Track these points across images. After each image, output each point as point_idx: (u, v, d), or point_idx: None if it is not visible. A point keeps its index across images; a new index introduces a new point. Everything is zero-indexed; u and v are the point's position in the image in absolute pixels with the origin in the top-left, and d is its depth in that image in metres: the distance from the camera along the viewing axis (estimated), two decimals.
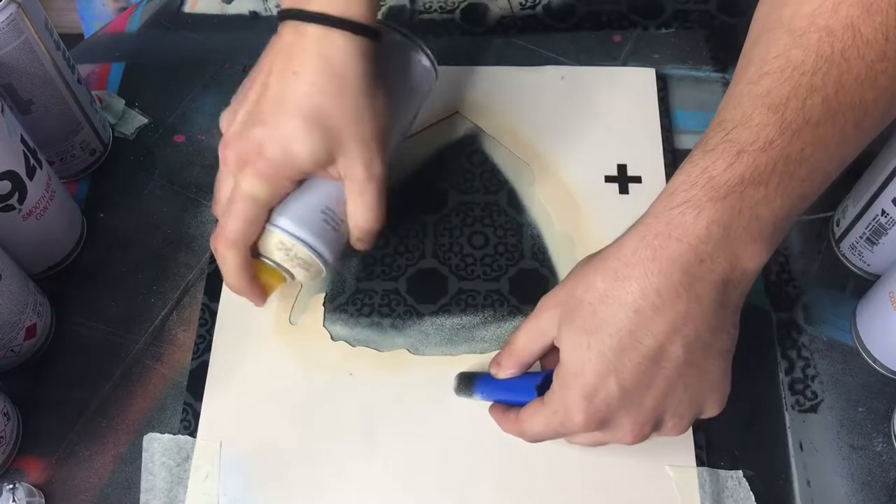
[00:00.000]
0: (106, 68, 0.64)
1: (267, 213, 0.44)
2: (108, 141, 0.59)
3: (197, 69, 0.64)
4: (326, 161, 0.44)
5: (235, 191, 0.44)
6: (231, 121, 0.44)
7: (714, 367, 0.40)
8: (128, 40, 0.66)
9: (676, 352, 0.38)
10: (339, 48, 0.42)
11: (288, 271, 0.45)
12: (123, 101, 0.62)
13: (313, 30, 0.42)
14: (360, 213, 0.45)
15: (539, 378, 0.44)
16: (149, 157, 0.60)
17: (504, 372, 0.45)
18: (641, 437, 0.40)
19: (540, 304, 0.42)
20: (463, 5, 0.67)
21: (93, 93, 0.59)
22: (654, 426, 0.40)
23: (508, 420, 0.45)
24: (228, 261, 0.44)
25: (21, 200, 0.48)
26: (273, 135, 0.42)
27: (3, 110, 0.46)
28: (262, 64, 0.44)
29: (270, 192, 0.44)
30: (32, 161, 0.49)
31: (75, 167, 0.58)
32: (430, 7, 0.67)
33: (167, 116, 0.62)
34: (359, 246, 0.47)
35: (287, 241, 0.44)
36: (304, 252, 0.44)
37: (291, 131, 0.42)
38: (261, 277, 0.46)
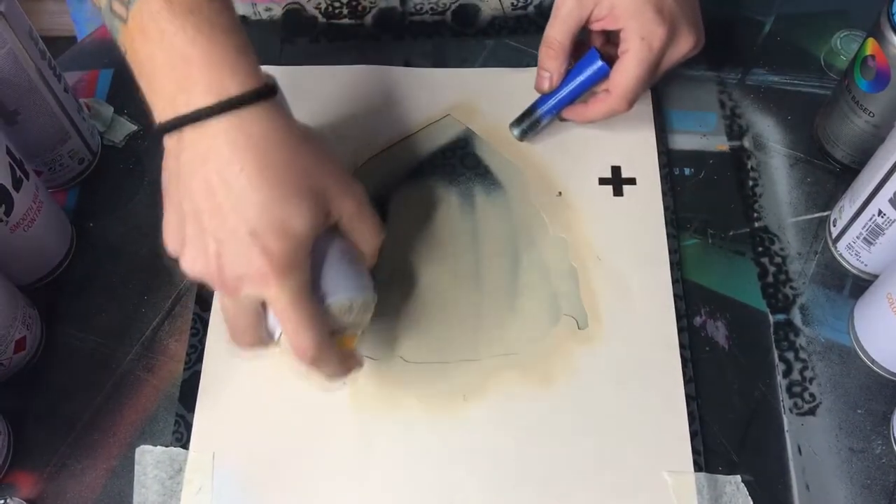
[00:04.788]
0: (94, 75, 0.63)
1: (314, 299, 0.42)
2: (96, 149, 0.59)
3: None
4: (323, 215, 0.41)
5: (278, 306, 0.40)
6: (198, 256, 0.40)
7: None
8: (116, 46, 0.65)
9: None
10: (256, 124, 0.39)
11: (358, 325, 0.45)
12: (112, 109, 0.61)
13: (220, 124, 0.38)
14: (369, 236, 0.45)
15: (593, 55, 0.52)
16: (138, 164, 0.59)
17: (555, 71, 0.53)
18: (700, 39, 0.52)
19: (556, 3, 0.52)
20: (454, 6, 0.66)
21: (81, 100, 0.58)
22: (699, 33, 0.52)
23: (598, 101, 0.53)
24: (332, 362, 0.43)
25: (8, 213, 0.48)
26: (267, 234, 0.39)
27: None
28: (184, 187, 0.40)
29: (304, 282, 0.41)
30: (19, 172, 0.48)
31: (64, 176, 0.57)
32: (421, 9, 0.66)
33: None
34: (373, 263, 0.46)
35: (345, 305, 0.43)
36: (360, 302, 0.44)
37: (278, 216, 0.39)
38: (340, 347, 0.45)
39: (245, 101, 0.39)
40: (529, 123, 0.56)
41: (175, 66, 0.39)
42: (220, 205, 0.39)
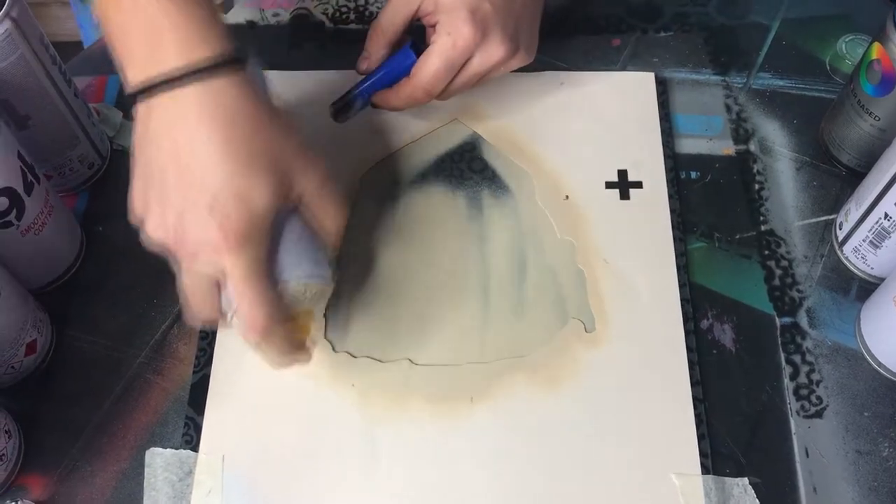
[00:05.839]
0: (103, 80, 0.64)
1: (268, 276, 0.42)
2: (106, 154, 0.59)
3: None
4: (285, 191, 0.42)
5: (233, 277, 0.41)
6: (160, 223, 0.41)
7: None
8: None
9: None
10: (225, 93, 0.40)
11: (312, 306, 0.46)
12: (121, 114, 0.62)
13: (189, 91, 0.39)
14: (332, 214, 0.45)
15: (407, 45, 0.53)
16: None
17: (375, 54, 0.54)
18: (517, 51, 0.52)
19: None
20: None
21: (90, 105, 0.59)
22: (515, 45, 0.52)
23: (400, 88, 0.53)
24: (280, 342, 0.43)
25: (19, 217, 0.48)
26: (227, 204, 0.40)
27: None
28: (153, 149, 0.41)
29: (260, 256, 0.41)
30: (30, 177, 0.48)
31: (73, 181, 0.57)
32: None
33: None
34: (337, 244, 0.46)
35: (300, 286, 0.44)
36: (314, 285, 0.45)
37: (240, 187, 0.40)
38: (293, 334, 0.46)
39: (214, 65, 0.40)
40: (343, 104, 0.56)
41: (147, 34, 0.41)
42: (184, 169, 0.40)
